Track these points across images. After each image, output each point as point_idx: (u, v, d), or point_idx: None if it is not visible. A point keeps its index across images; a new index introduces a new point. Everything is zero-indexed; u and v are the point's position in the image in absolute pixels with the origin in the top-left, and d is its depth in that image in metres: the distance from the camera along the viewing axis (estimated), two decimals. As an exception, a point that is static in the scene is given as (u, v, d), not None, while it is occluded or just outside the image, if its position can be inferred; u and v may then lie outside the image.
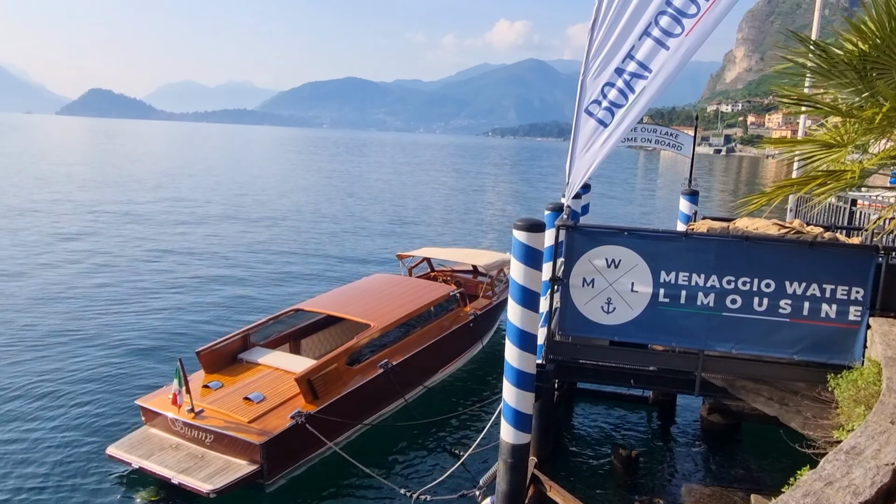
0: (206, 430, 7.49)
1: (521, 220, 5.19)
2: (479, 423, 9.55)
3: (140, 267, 18.00)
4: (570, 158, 5.35)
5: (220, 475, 7.12)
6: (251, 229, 25.42)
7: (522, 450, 5.50)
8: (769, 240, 5.00)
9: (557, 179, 68.08)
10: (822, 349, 5.03)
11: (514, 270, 5.30)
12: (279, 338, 9.97)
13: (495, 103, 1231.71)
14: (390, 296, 10.64)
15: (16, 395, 9.68)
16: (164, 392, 8.21)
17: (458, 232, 27.96)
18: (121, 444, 7.71)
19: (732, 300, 5.11)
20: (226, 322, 13.44)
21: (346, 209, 33.56)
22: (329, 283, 16.40)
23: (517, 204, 41.38)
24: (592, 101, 5.17)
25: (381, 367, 8.90)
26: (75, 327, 12.74)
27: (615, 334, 5.40)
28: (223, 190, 39.63)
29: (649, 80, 4.94)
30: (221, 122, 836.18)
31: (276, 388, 8.21)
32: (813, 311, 4.99)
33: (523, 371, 5.34)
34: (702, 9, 4.72)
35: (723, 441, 9.31)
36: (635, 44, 4.95)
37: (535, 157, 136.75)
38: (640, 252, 5.20)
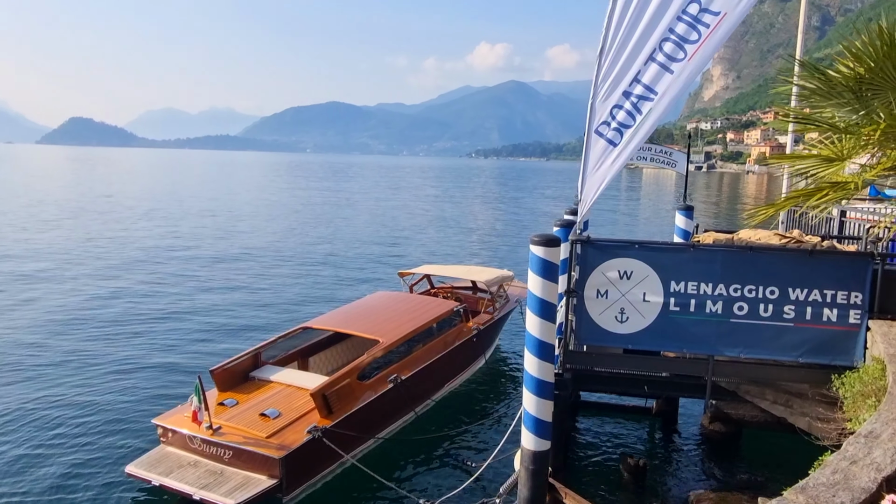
0: (225, 446, 7.62)
1: (538, 236, 5.47)
2: (489, 435, 9.77)
3: (143, 290, 18.06)
4: (581, 177, 5.65)
5: (241, 490, 7.24)
6: (250, 252, 25.54)
7: (543, 456, 5.72)
8: (772, 249, 5.32)
9: (543, 196, 68.97)
10: (825, 351, 5.33)
11: (531, 283, 5.56)
12: (288, 356, 10.13)
13: (478, 125, 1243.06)
14: (396, 312, 10.86)
15: (27, 418, 9.73)
16: (179, 411, 8.33)
17: (452, 250, 28.26)
18: (139, 463, 7.81)
19: (739, 307, 5.41)
20: (233, 341, 13.58)
21: (341, 231, 33.79)
22: (331, 302, 16.56)
23: (507, 222, 41.82)
24: (602, 123, 5.49)
25: (390, 381, 9.10)
26: (84, 351, 12.82)
27: (629, 343, 5.67)
28: (219, 215, 39.66)
29: (655, 101, 5.28)
30: (204, 149, 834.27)
31: (290, 405, 8.37)
32: (815, 315, 5.30)
33: (542, 380, 5.57)
34: (702, 35, 5.08)
35: (725, 448, 9.55)
36: (641, 68, 5.29)
37: (520, 177, 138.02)
38: (650, 263, 5.50)
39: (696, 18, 5.09)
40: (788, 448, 9.37)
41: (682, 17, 5.13)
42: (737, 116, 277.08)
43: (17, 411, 9.99)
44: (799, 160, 4.73)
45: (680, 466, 9.13)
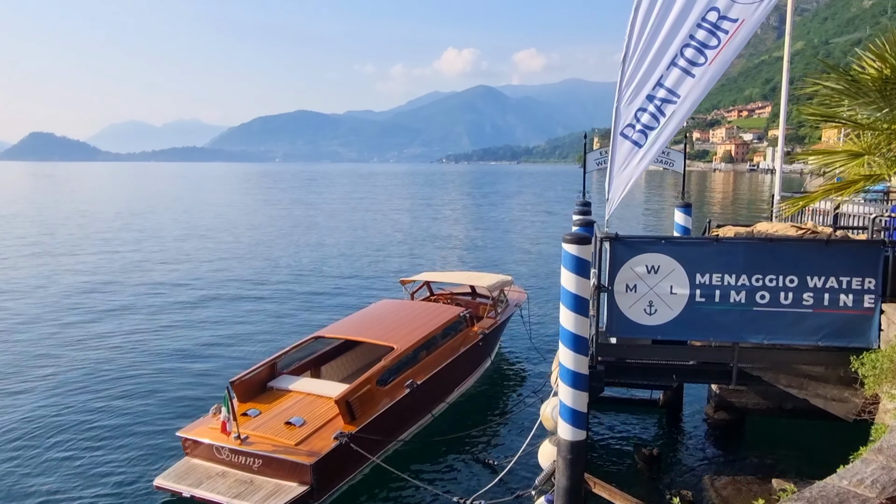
0: (254, 455, 7.71)
1: (570, 235, 5.73)
2: (504, 433, 10.02)
3: (149, 306, 17.98)
4: (608, 177, 5.93)
5: (274, 498, 7.34)
6: (248, 266, 25.45)
7: (580, 446, 5.97)
8: (790, 240, 5.66)
9: (521, 200, 69.64)
10: (842, 335, 5.68)
11: (565, 280, 5.81)
12: (302, 365, 10.23)
13: (448, 130, 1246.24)
14: (405, 319, 11.03)
15: (45, 436, 9.68)
16: (202, 423, 8.40)
17: (446, 256, 28.53)
18: (167, 476, 7.86)
19: (761, 296, 5.73)
20: (244, 353, 13.74)
21: (330, 242, 33.75)
22: (334, 311, 16.80)
23: (490, 225, 42.19)
24: (627, 125, 5.78)
25: (407, 386, 9.28)
26: (99, 367, 12.84)
27: (658, 334, 5.96)
28: (204, 228, 39.27)
29: (678, 104, 5.58)
30: (171, 161, 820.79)
31: (313, 412, 8.49)
32: (832, 301, 5.64)
33: (578, 372, 5.82)
34: (722, 41, 5.40)
35: (730, 435, 9.92)
36: (664, 73, 5.59)
37: (496, 181, 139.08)
38: (676, 258, 5.79)
39: (715, 25, 5.41)
40: (790, 432, 9.82)
41: (702, 24, 5.44)
42: (702, 115, 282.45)
43: (33, 429, 9.96)
44: (829, 155, 5.06)
45: (690, 454, 9.48)
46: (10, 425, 10.02)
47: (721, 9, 5.40)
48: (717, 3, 5.41)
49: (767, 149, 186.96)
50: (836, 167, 4.75)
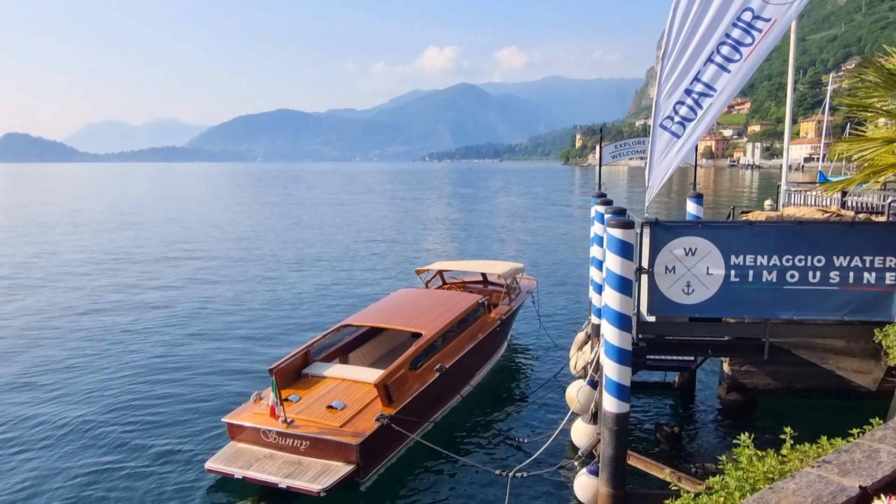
0: (302, 437, 8.04)
1: (615, 220, 6.15)
2: (530, 413, 10.47)
3: (174, 299, 18.14)
4: (648, 166, 6.36)
5: (324, 476, 7.68)
6: (268, 260, 25.78)
7: (624, 418, 6.39)
8: (818, 223, 6.12)
9: (511, 195, 70.25)
10: (866, 310, 6.16)
11: (610, 262, 6.23)
12: (331, 353, 10.57)
13: (430, 128, 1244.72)
14: (428, 306, 11.41)
15: (82, 424, 9.95)
16: (245, 409, 8.72)
17: (447, 247, 29.02)
18: (217, 459, 8.16)
19: (791, 275, 6.19)
20: (270, 342, 14.23)
21: (335, 237, 34.19)
22: (354, 300, 17.54)
23: (487, 218, 42.67)
24: (666, 117, 6.21)
25: (436, 370, 9.67)
26: (137, 360, 13.11)
27: (695, 312, 6.40)
28: (218, 227, 39.30)
29: (714, 97, 6.02)
30: (150, 161, 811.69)
31: (351, 397, 8.85)
32: (857, 279, 6.12)
33: (622, 348, 6.24)
34: (756, 39, 5.85)
35: (743, 415, 10.43)
36: (701, 69, 6.02)
37: (484, 178, 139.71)
38: (712, 240, 6.23)
39: (749, 24, 5.85)
40: (800, 411, 10.37)
41: (738, 24, 5.88)
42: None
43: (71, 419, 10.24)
44: (866, 142, 5.52)
45: (707, 432, 9.99)
46: (59, 418, 10.28)
47: (755, 9, 5.84)
48: (752, 3, 5.85)
49: (747, 145, 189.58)
50: (869, 153, 5.21)
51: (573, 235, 35.11)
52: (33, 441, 9.44)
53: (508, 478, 7.61)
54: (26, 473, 8.49)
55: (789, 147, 11.46)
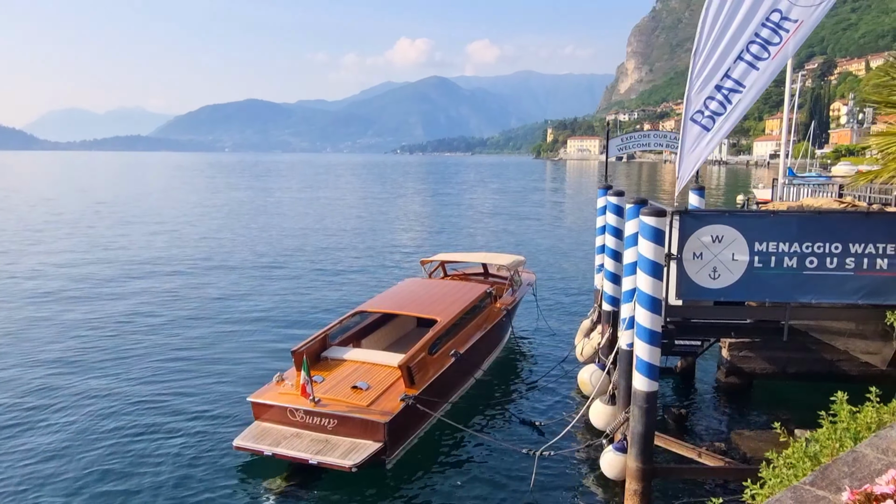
0: (330, 415, 8.26)
1: (648, 208, 6.48)
2: (542, 397, 10.83)
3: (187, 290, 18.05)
4: (679, 158, 6.70)
5: (354, 453, 7.91)
6: (279, 251, 25.62)
7: (653, 396, 6.74)
8: (836, 212, 6.54)
9: (489, 188, 70.91)
10: (879, 294, 6.61)
11: (643, 248, 6.56)
12: (347, 337, 10.80)
13: (401, 121, 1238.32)
14: (439, 295, 11.69)
15: (107, 408, 10.01)
16: (269, 389, 8.89)
17: (443, 239, 29.27)
18: (244, 437, 8.32)
19: (810, 261, 6.61)
20: (285, 328, 14.46)
21: (336, 227, 34.25)
22: (360, 288, 18.02)
23: (472, 211, 43.02)
24: (696, 111, 6.55)
25: (452, 355, 9.97)
26: (155, 347, 13.15)
27: (720, 296, 6.78)
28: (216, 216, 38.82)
29: (743, 93, 6.38)
30: (113, 150, 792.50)
31: (374, 378, 9.09)
32: (871, 264, 6.57)
33: (653, 330, 6.59)
34: (783, 39, 6.22)
35: (741, 397, 10.97)
36: (731, 66, 6.38)
37: (458, 172, 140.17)
38: (738, 228, 6.61)
39: (777, 25, 6.22)
40: (794, 393, 10.93)
41: (767, 24, 6.24)
42: (651, 108, 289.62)
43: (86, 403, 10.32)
44: (891, 136, 5.93)
45: (711, 413, 10.47)
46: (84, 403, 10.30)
47: (783, 11, 6.21)
48: (780, 5, 6.21)
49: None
50: (894, 147, 5.64)
51: (560, 228, 35.70)
52: (60, 426, 9.49)
53: (536, 456, 7.93)
54: (57, 458, 8.54)
55: (786, 145, 11.91)
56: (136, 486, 7.81)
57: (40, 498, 7.58)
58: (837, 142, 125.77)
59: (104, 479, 7.99)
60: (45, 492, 7.71)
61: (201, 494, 7.67)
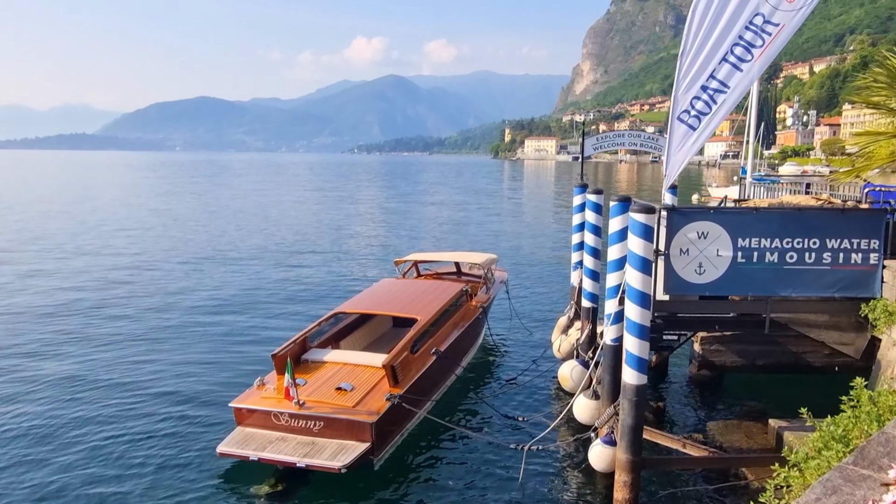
0: (316, 417, 8.16)
1: (637, 205, 6.63)
2: (524, 393, 10.95)
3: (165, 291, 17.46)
4: (666, 156, 6.88)
5: (342, 454, 7.83)
6: (251, 252, 25.00)
7: (642, 389, 6.89)
8: (815, 209, 6.82)
9: (452, 188, 71.13)
10: (853, 287, 6.92)
11: (633, 245, 6.70)
12: (325, 339, 10.69)
13: (358, 120, 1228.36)
14: (417, 294, 11.68)
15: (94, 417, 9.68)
16: (250, 394, 8.74)
17: (415, 239, 29.19)
18: (228, 443, 8.14)
19: (790, 256, 6.88)
20: (260, 332, 14.24)
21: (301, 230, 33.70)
22: (330, 289, 17.84)
23: (438, 211, 43.06)
24: (683, 111, 6.73)
25: (433, 353, 9.99)
26: (114, 357, 12.74)
27: (705, 291, 6.99)
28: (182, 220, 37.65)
29: (728, 94, 6.60)
30: (57, 149, 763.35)
31: (357, 379, 9.03)
32: (846, 259, 6.87)
33: (642, 324, 6.73)
34: (765, 42, 6.45)
35: (714, 390, 11.31)
36: (716, 67, 6.58)
37: (419, 171, 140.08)
38: (722, 225, 6.83)
39: (760, 28, 6.45)
40: (763, 384, 11.33)
41: (750, 27, 6.46)
42: (607, 109, 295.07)
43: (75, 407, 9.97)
44: (877, 134, 6.22)
45: (687, 406, 10.77)
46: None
47: (766, 14, 6.44)
48: (762, 9, 6.45)
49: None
50: (880, 145, 5.92)
51: (524, 227, 36.07)
52: (37, 437, 9.14)
53: (524, 451, 8.02)
54: (40, 468, 8.21)
55: (753, 144, 12.30)
56: (118, 496, 7.58)
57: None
58: (784, 143, 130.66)
59: (86, 490, 7.72)
60: (25, 499, 7.41)
61: (189, 501, 7.49)
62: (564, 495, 7.77)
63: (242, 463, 8.03)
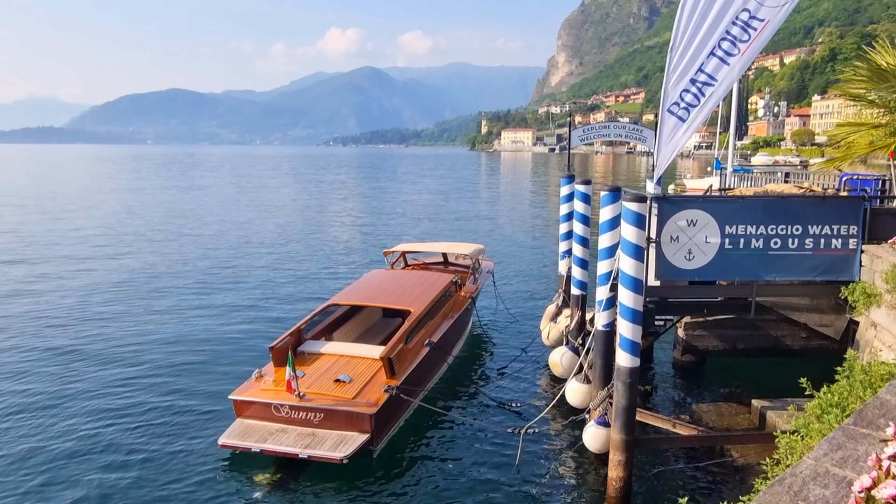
0: (316, 409, 8.30)
1: (630, 195, 6.88)
2: (515, 380, 11.20)
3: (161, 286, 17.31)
4: (657, 148, 7.13)
5: (343, 445, 8.00)
6: (245, 248, 24.83)
7: (635, 372, 7.17)
8: (798, 197, 7.14)
9: (432, 179, 71.20)
10: (834, 271, 7.27)
11: (626, 232, 6.95)
12: (319, 331, 10.81)
13: (334, 112, 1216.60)
14: (408, 285, 11.85)
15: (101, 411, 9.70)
16: (249, 386, 8.84)
17: (399, 230, 29.30)
18: (229, 435, 8.24)
19: (774, 242, 7.19)
20: (256, 324, 14.33)
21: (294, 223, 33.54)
22: (321, 282, 17.84)
23: (421, 202, 43.14)
24: (673, 103, 6.99)
25: (426, 344, 10.18)
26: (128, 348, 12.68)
27: (694, 276, 7.28)
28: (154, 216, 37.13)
29: (715, 87, 6.86)
30: (24, 142, 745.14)
31: (354, 370, 9.19)
32: (826, 244, 7.21)
33: (636, 309, 7.00)
34: (751, 37, 6.72)
35: (697, 373, 11.70)
36: (704, 61, 6.83)
37: (398, 163, 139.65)
38: (710, 213, 7.11)
39: (746, 23, 6.71)
40: (743, 367, 11.74)
41: (736, 22, 6.73)
42: (582, 100, 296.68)
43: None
44: (858, 125, 6.53)
45: (672, 390, 11.12)
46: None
47: (751, 10, 6.71)
48: (749, 5, 6.71)
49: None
50: (860, 135, 6.24)
51: (504, 218, 36.36)
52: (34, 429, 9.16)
53: (521, 434, 8.27)
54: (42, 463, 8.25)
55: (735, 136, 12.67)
56: (115, 488, 7.67)
57: (25, 498, 7.34)
58: (756, 133, 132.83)
59: (89, 480, 7.79)
60: (28, 489, 7.46)
61: (189, 493, 7.59)
62: (560, 475, 8.04)
63: (242, 454, 8.15)
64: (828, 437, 2.56)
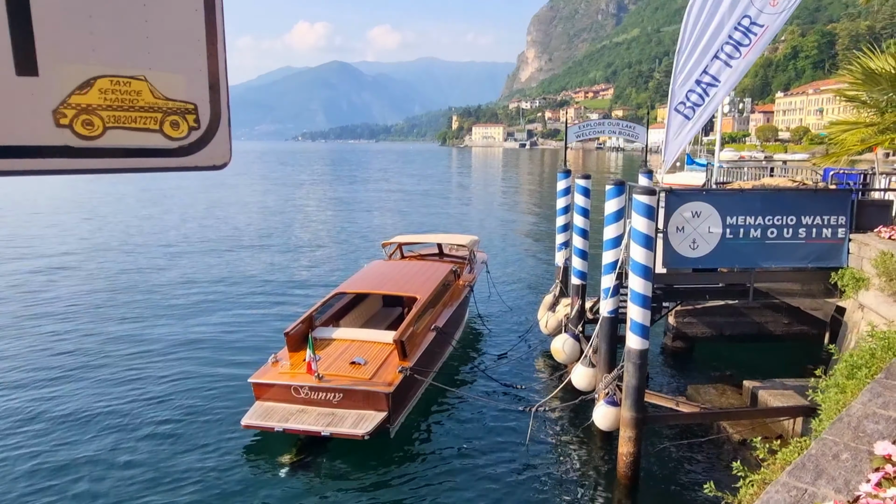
0: (335, 389, 8.67)
1: (640, 188, 7.37)
2: (516, 366, 11.67)
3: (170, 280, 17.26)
4: (664, 144, 7.64)
5: (363, 423, 8.39)
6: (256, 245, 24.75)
7: (645, 353, 7.67)
8: (793, 190, 7.71)
9: (409, 175, 71.42)
10: (824, 258, 7.87)
11: (637, 223, 7.45)
12: (328, 318, 11.15)
13: (302, 107, 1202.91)
14: (411, 274, 12.25)
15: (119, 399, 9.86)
16: (266, 370, 9.16)
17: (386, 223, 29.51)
18: (251, 416, 8.56)
19: (771, 232, 7.76)
20: (267, 312, 14.62)
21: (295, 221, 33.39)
22: (321, 272, 18.10)
23: (408, 197, 43.37)
24: (679, 103, 7.50)
25: (433, 329, 10.61)
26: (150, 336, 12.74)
27: (698, 264, 7.81)
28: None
29: (719, 87, 7.39)
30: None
31: (368, 353, 9.58)
32: (818, 234, 7.80)
33: (645, 295, 7.50)
34: (752, 41, 7.26)
35: (685, 358, 12.34)
36: (708, 63, 7.36)
37: (371, 159, 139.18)
38: (713, 204, 7.65)
39: (747, 28, 7.25)
40: (727, 352, 12.42)
41: (738, 27, 7.26)
42: (552, 96, 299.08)
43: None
44: (853, 124, 7.11)
45: (667, 373, 11.74)
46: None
47: (752, 16, 7.25)
48: (749, 11, 7.25)
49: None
50: (856, 132, 6.84)
51: (482, 213, 36.87)
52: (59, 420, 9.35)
53: (532, 412, 8.74)
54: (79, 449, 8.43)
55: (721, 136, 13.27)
56: (146, 474, 7.92)
57: (52, 485, 7.54)
58: (721, 129, 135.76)
59: (114, 471, 8.01)
60: (54, 477, 7.67)
61: (219, 475, 7.88)
62: (568, 452, 8.54)
63: (262, 436, 8.45)
64: (867, 388, 3.04)
